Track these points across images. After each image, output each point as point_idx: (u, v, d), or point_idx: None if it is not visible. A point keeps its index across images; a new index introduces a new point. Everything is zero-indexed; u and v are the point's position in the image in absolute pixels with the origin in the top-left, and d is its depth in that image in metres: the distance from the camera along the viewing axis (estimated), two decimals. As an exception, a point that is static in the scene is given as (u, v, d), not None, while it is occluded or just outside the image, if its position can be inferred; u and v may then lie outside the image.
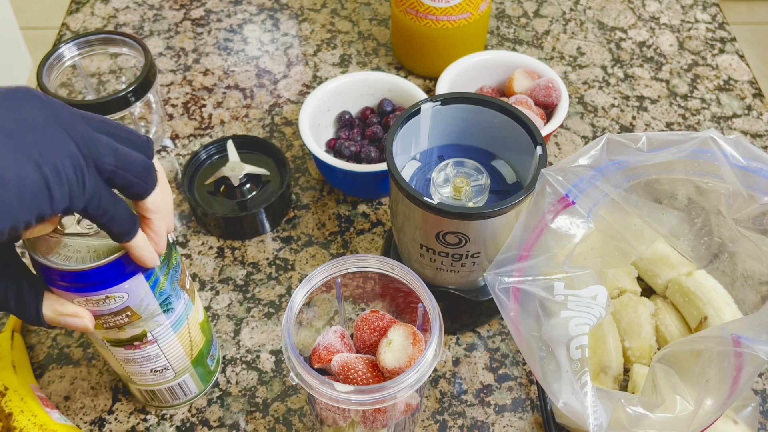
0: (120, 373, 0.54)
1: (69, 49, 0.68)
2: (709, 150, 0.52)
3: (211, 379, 0.59)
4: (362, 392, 0.44)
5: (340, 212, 0.72)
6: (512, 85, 0.72)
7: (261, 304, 0.65)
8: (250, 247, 0.69)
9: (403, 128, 0.55)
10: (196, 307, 0.53)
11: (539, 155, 0.52)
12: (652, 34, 0.90)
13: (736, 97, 0.83)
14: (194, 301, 0.52)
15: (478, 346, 0.63)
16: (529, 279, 0.50)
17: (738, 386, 0.47)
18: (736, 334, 0.46)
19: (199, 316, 0.54)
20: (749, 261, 0.57)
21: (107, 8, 0.93)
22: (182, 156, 0.77)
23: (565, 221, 0.51)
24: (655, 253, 0.62)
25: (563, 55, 0.87)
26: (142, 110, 0.73)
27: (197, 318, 0.53)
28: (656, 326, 0.60)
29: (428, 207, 0.50)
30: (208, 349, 0.57)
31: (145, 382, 0.54)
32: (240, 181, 0.69)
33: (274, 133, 0.79)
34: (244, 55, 0.87)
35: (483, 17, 0.79)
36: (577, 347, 0.48)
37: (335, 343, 0.51)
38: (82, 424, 0.58)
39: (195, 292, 0.53)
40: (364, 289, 0.54)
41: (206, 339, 0.56)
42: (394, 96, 0.73)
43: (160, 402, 0.57)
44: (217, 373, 0.60)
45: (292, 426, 0.58)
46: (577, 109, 0.81)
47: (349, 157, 0.70)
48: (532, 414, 0.59)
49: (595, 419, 0.46)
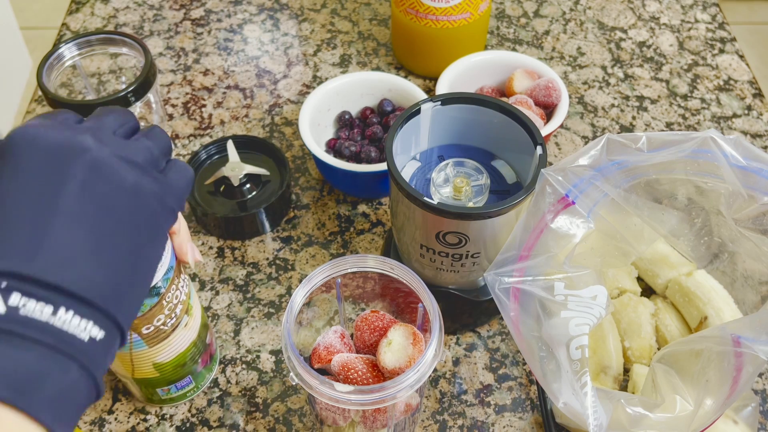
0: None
1: (69, 49, 0.67)
2: (709, 150, 0.52)
3: (157, 402, 0.58)
4: (362, 392, 0.44)
5: (340, 212, 0.72)
6: (512, 85, 0.72)
7: (261, 304, 0.65)
8: (250, 247, 0.69)
9: (403, 128, 0.55)
10: (152, 349, 0.50)
11: (539, 155, 0.52)
12: (652, 34, 0.90)
13: (736, 97, 0.83)
14: (150, 345, 0.49)
15: (478, 346, 0.63)
16: (529, 279, 0.50)
17: (738, 386, 0.47)
18: (736, 334, 0.46)
19: (158, 357, 0.51)
20: (749, 261, 0.57)
21: (107, 8, 0.93)
22: (182, 156, 0.77)
23: (565, 221, 0.51)
24: (655, 253, 0.62)
25: (563, 55, 0.87)
26: (142, 110, 0.73)
27: (150, 357, 0.51)
28: (656, 326, 0.60)
29: (428, 207, 0.50)
30: (162, 385, 0.55)
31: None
32: (240, 181, 0.69)
33: (274, 133, 0.79)
34: (244, 55, 0.87)
35: (483, 17, 0.79)
36: (577, 347, 0.48)
37: (335, 343, 0.51)
38: (82, 424, 0.58)
39: (161, 342, 0.50)
40: (364, 289, 0.54)
41: (160, 376, 0.53)
42: (394, 96, 0.73)
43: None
44: (172, 403, 0.58)
45: (292, 426, 0.58)
46: (577, 109, 0.81)
47: (349, 157, 0.70)
48: (532, 414, 0.59)
49: (595, 419, 0.46)
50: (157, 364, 0.52)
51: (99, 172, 0.33)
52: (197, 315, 0.54)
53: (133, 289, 0.34)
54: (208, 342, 0.57)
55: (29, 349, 0.29)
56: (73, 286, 0.31)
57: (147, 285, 0.36)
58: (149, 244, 0.36)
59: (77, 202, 0.32)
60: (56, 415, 0.30)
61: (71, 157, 0.33)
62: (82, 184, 0.32)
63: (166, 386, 0.56)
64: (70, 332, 0.30)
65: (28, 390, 0.29)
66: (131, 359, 0.51)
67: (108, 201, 0.33)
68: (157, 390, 0.56)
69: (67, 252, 0.31)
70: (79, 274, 0.31)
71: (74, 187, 0.32)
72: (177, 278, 0.48)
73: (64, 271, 0.31)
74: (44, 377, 0.29)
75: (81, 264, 0.31)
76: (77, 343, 0.30)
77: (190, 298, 0.51)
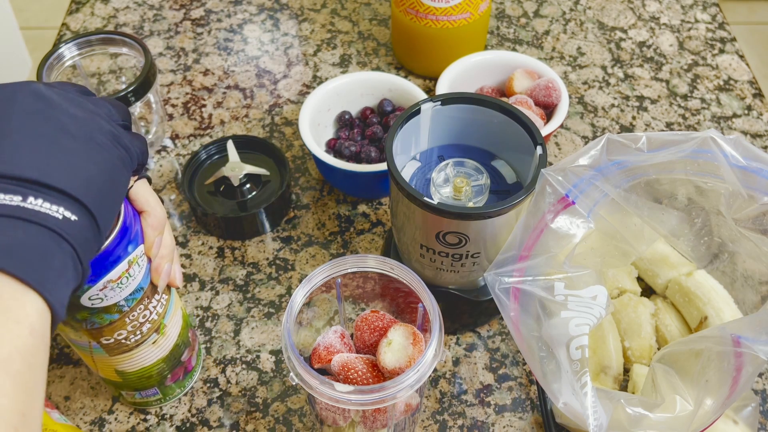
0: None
1: (69, 49, 0.67)
2: (709, 150, 0.52)
3: (124, 401, 0.58)
4: (362, 392, 0.44)
5: (340, 212, 0.72)
6: (512, 85, 0.72)
7: (261, 304, 0.65)
8: (250, 247, 0.69)
9: (403, 128, 0.55)
10: (113, 358, 0.50)
11: (539, 155, 0.52)
12: (652, 34, 0.90)
13: (736, 97, 0.83)
14: (110, 354, 0.49)
15: (478, 346, 0.63)
16: (529, 279, 0.50)
17: (738, 386, 0.47)
18: (736, 334, 0.46)
19: (120, 366, 0.51)
20: (749, 261, 0.57)
21: (107, 8, 0.93)
22: (182, 156, 0.77)
23: (565, 221, 0.51)
24: (655, 253, 0.62)
25: (563, 55, 0.87)
26: (142, 110, 0.73)
27: (111, 364, 0.51)
28: (656, 326, 0.60)
29: (428, 207, 0.50)
30: (124, 389, 0.55)
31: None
32: (240, 181, 0.69)
33: (274, 133, 0.79)
34: (244, 55, 0.87)
35: (483, 17, 0.79)
36: (577, 347, 0.48)
37: (335, 343, 0.51)
38: (82, 424, 0.58)
39: (123, 354, 0.50)
40: (364, 289, 0.54)
41: (122, 381, 0.53)
42: (394, 96, 0.73)
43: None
44: (148, 406, 0.59)
45: (292, 426, 0.58)
46: (577, 109, 0.81)
47: (349, 157, 0.70)
48: (532, 414, 0.59)
49: (595, 419, 0.46)
50: (119, 371, 0.52)
51: (45, 101, 0.35)
52: (172, 335, 0.53)
53: (100, 190, 0.35)
54: (184, 359, 0.56)
55: (16, 228, 0.31)
56: (38, 175, 0.32)
57: (114, 200, 0.37)
58: (107, 172, 0.36)
59: (27, 119, 0.34)
60: (50, 288, 0.31)
61: (19, 87, 0.35)
62: (28, 108, 0.34)
63: (131, 391, 0.56)
64: (42, 212, 0.32)
65: (27, 261, 0.31)
66: (93, 359, 0.51)
67: (57, 122, 0.35)
68: (121, 391, 0.56)
69: (25, 151, 0.33)
70: (40, 167, 0.33)
71: (21, 108, 0.34)
72: (149, 298, 0.47)
73: (25, 165, 0.32)
74: (33, 249, 0.31)
75: (41, 160, 0.33)
76: (52, 220, 0.32)
77: (163, 318, 0.50)
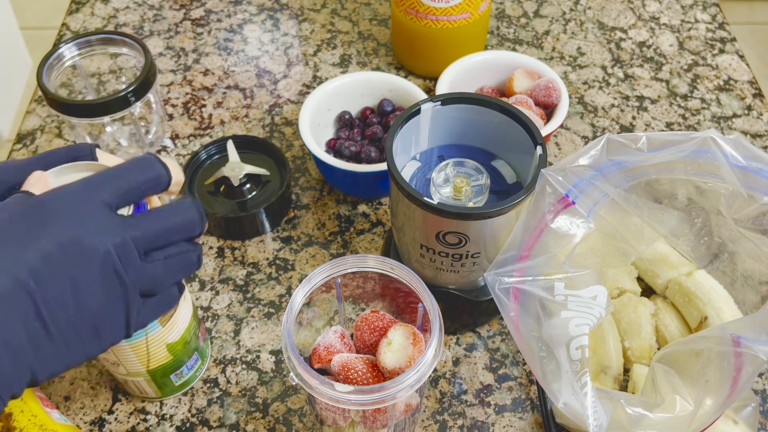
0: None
1: (69, 49, 0.68)
2: (709, 150, 0.52)
3: (169, 392, 0.59)
4: (362, 392, 0.44)
5: (340, 212, 0.72)
6: (512, 85, 0.72)
7: (261, 304, 0.65)
8: (250, 247, 0.69)
9: (403, 128, 0.55)
10: (165, 328, 0.52)
11: (539, 155, 0.52)
12: (652, 34, 0.90)
13: (736, 97, 0.83)
14: (163, 324, 0.51)
15: (478, 346, 0.63)
16: (529, 279, 0.50)
17: (738, 386, 0.47)
18: (736, 334, 0.46)
19: (169, 337, 0.53)
20: (749, 261, 0.57)
21: (107, 8, 0.93)
22: (182, 156, 0.77)
23: (565, 221, 0.51)
24: (655, 253, 0.62)
25: (563, 55, 0.87)
26: (142, 110, 0.73)
27: (163, 338, 0.52)
28: (656, 326, 0.60)
29: (428, 207, 0.50)
30: (175, 369, 0.56)
31: (106, 362, 0.55)
32: (240, 181, 0.69)
33: (274, 133, 0.79)
34: (244, 55, 0.87)
35: (483, 17, 0.79)
36: (577, 347, 0.48)
37: (335, 343, 0.51)
38: (82, 424, 0.58)
39: (171, 318, 0.52)
40: (364, 289, 0.54)
41: (173, 359, 0.55)
42: (394, 96, 0.73)
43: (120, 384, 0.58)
44: (184, 389, 0.59)
45: (292, 426, 0.58)
46: (577, 109, 0.81)
47: (349, 157, 0.70)
48: (532, 414, 0.59)
49: (595, 419, 0.46)
50: (169, 345, 0.53)
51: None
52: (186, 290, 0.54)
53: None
54: (199, 317, 0.59)
55: None
56: None
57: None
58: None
59: None
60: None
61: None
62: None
63: (179, 370, 0.56)
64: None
65: None
66: (147, 348, 0.52)
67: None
68: (171, 377, 0.56)
69: None
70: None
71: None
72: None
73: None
74: None
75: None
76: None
77: None
